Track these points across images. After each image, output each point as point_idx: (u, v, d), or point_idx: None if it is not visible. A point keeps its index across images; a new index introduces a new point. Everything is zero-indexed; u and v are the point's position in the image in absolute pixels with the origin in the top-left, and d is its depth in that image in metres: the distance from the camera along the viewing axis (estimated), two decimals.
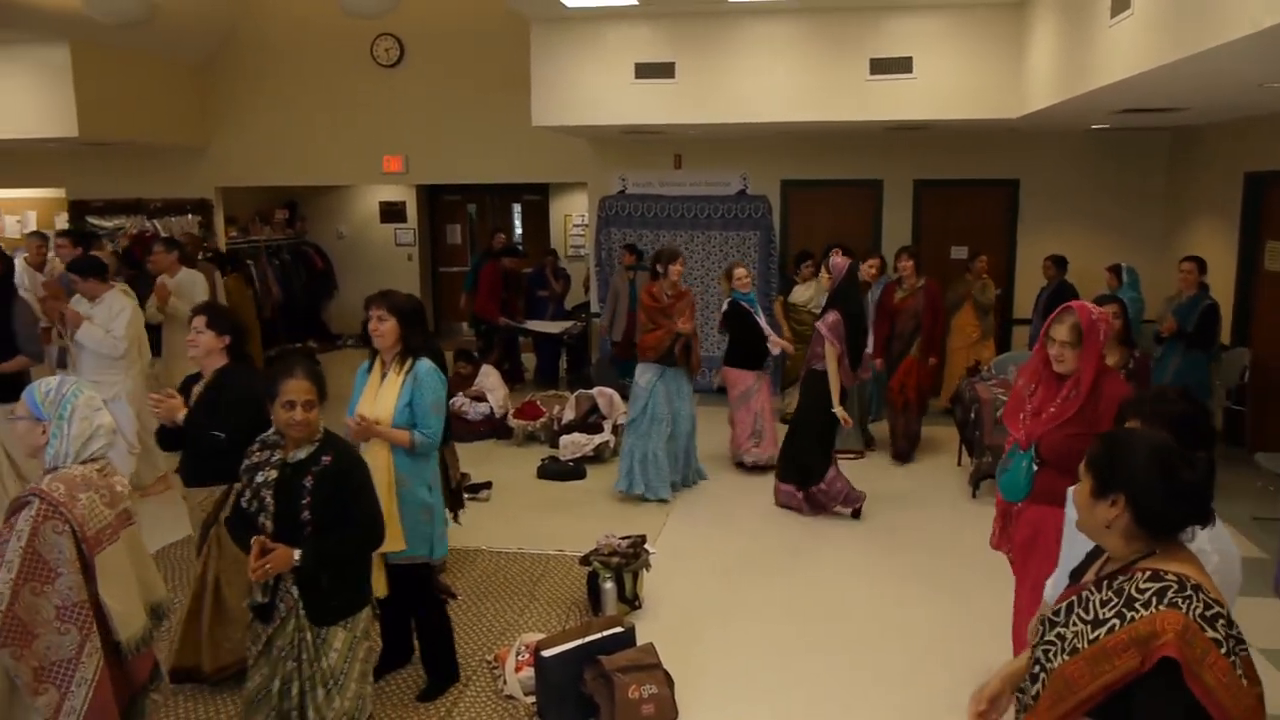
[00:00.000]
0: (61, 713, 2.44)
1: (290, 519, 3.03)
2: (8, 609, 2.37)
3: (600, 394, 8.03)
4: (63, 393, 2.62)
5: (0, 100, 9.12)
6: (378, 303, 3.94)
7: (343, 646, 3.16)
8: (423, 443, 3.90)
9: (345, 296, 13.50)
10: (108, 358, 6.19)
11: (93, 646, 2.52)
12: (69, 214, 11.50)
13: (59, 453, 2.59)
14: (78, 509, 2.51)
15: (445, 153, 10.45)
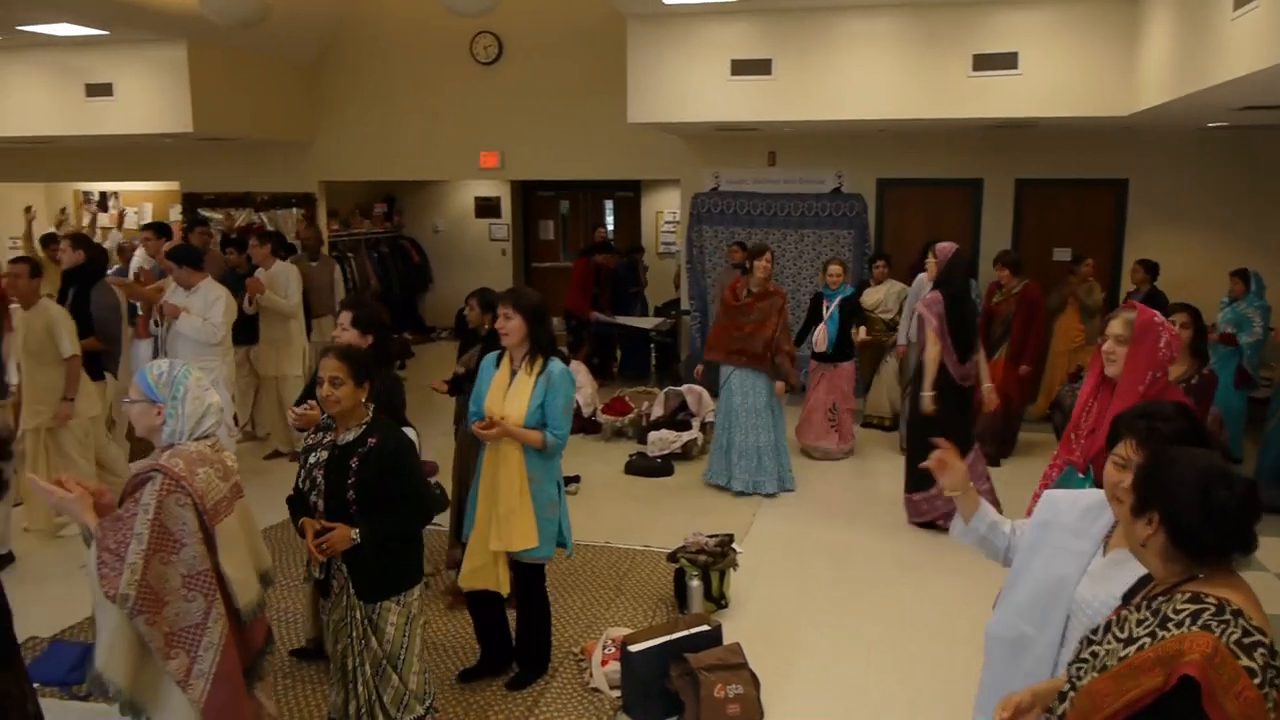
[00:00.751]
0: (191, 675, 2.56)
1: (339, 498, 3.19)
2: (140, 579, 2.47)
3: (689, 391, 8.03)
4: (174, 375, 2.74)
5: (122, 98, 9.57)
6: (505, 300, 3.96)
7: (398, 622, 3.28)
8: (554, 443, 3.94)
9: (440, 290, 13.79)
10: (205, 345, 6.33)
11: (218, 613, 2.63)
12: (182, 206, 12.00)
13: (175, 431, 2.71)
14: (197, 483, 2.61)
15: (540, 149, 10.57)
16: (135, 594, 2.46)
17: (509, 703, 4.09)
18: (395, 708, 3.33)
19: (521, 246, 14.22)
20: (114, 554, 2.50)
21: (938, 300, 5.95)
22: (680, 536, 5.35)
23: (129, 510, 2.54)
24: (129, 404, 2.76)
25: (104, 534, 2.53)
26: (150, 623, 2.49)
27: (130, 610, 2.47)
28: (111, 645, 2.51)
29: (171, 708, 2.62)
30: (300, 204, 11.46)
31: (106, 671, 2.52)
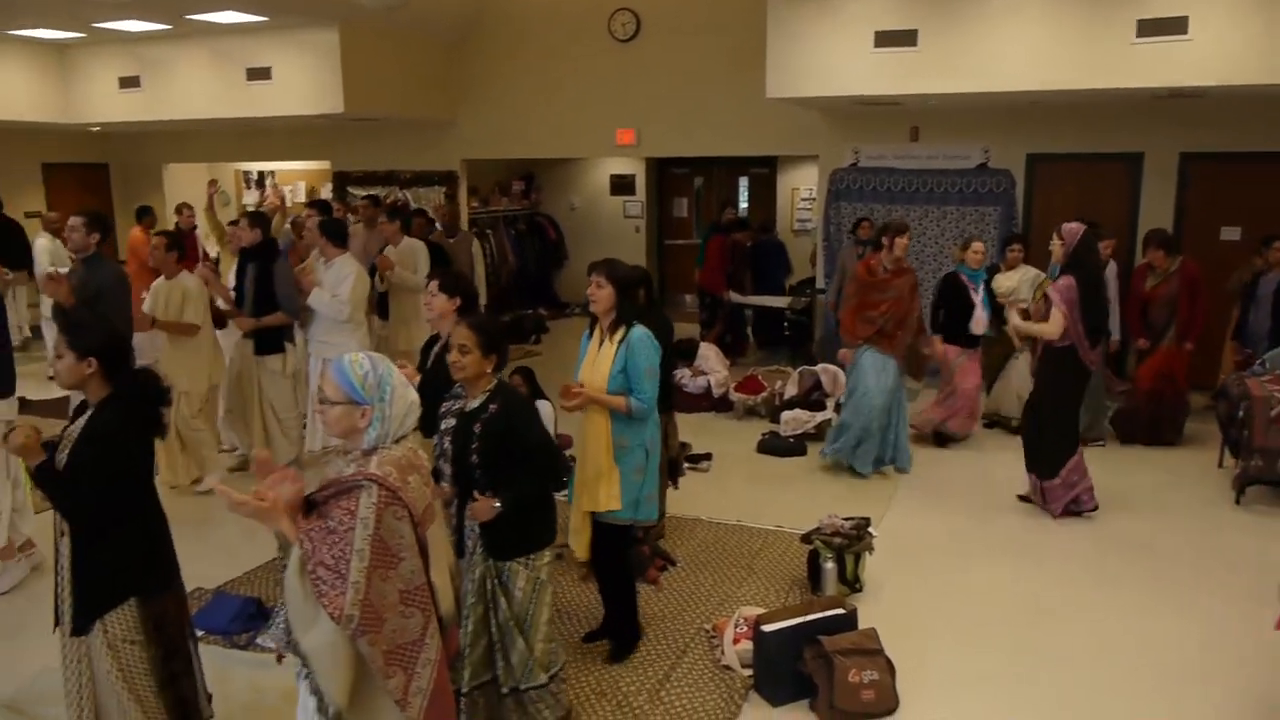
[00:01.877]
0: (410, 693, 2.43)
1: (463, 463, 3.30)
2: (364, 598, 2.31)
3: (824, 371, 7.89)
4: (379, 374, 2.49)
5: (279, 81, 10.04)
6: (598, 269, 4.06)
7: (526, 586, 3.37)
8: (638, 407, 3.99)
9: (575, 266, 13.96)
10: (335, 321, 6.44)
11: (433, 628, 2.51)
12: (333, 184, 12.52)
13: (381, 435, 2.48)
14: (409, 493, 2.44)
15: (676, 126, 10.53)
16: (359, 614, 2.30)
17: (640, 675, 4.13)
18: (520, 670, 3.43)
19: (655, 224, 14.25)
20: (332, 570, 2.31)
21: (1070, 287, 5.65)
22: (812, 518, 5.27)
23: (343, 522, 2.34)
24: (326, 407, 2.49)
25: (314, 546, 2.34)
26: (372, 642, 2.34)
27: (354, 630, 2.30)
28: (331, 662, 2.34)
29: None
30: (443, 182, 11.78)
31: (327, 690, 2.36)
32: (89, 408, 3.05)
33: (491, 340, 3.32)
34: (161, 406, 3.08)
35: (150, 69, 10.77)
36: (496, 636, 3.42)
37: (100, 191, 13.83)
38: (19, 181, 12.76)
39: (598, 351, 4.09)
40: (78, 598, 2.98)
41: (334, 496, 2.42)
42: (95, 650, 2.98)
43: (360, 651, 2.36)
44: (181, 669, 3.14)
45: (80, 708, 3.01)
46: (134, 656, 3.00)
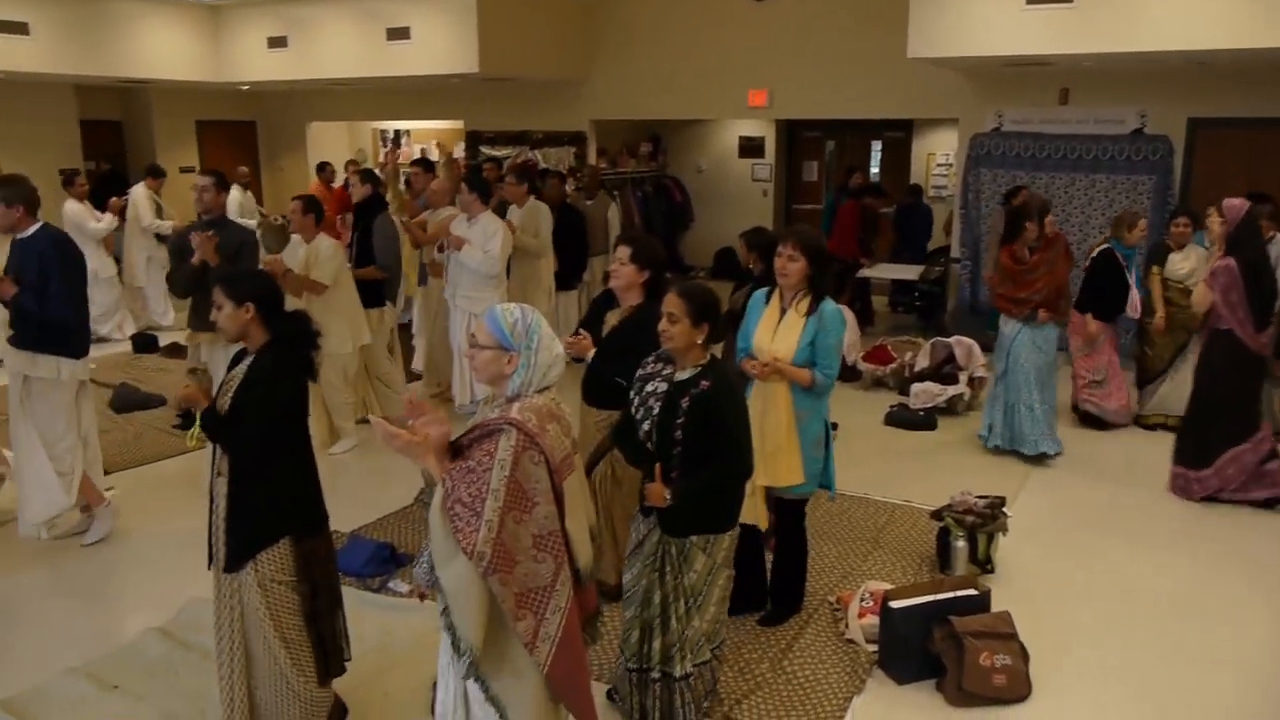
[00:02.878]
0: (538, 638, 2.48)
1: (666, 433, 3.19)
2: (496, 536, 2.36)
3: (959, 343, 7.62)
4: (528, 322, 2.55)
5: (418, 40, 10.21)
6: (791, 241, 3.89)
7: (702, 569, 3.26)
8: (822, 382, 3.89)
9: (700, 229, 13.87)
10: (483, 276, 6.47)
11: (565, 575, 2.53)
12: (466, 143, 12.73)
13: (525, 382, 2.54)
14: (548, 439, 2.47)
15: (810, 87, 10.27)
16: (491, 552, 2.36)
17: (763, 643, 4.09)
18: (687, 648, 3.32)
19: (783, 187, 14.00)
20: (468, 507, 2.38)
21: (1229, 269, 5.25)
22: (941, 493, 5.12)
23: (481, 463, 2.42)
24: (476, 351, 2.57)
25: (454, 484, 2.41)
26: (503, 582, 2.40)
27: (485, 568, 2.37)
28: (465, 599, 2.41)
29: (519, 670, 2.54)
30: (572, 142, 11.83)
31: (460, 626, 2.44)
32: (247, 355, 3.21)
33: (702, 309, 3.16)
34: (312, 350, 3.18)
35: (297, 29, 11.12)
36: (656, 612, 3.30)
37: (248, 148, 14.45)
38: (175, 137, 13.45)
39: (779, 321, 3.95)
40: (232, 536, 3.11)
41: (477, 440, 2.51)
42: (246, 587, 3.11)
43: (492, 591, 2.41)
44: (325, 609, 3.25)
45: (231, 640, 3.16)
46: (282, 596, 3.12)
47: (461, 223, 6.62)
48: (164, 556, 5.02)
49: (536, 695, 2.57)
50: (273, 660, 3.14)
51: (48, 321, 4.72)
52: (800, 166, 14.09)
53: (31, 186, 4.87)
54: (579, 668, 2.66)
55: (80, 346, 4.91)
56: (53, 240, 4.76)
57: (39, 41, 9.97)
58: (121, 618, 4.40)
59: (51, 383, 4.86)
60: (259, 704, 3.18)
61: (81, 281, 4.89)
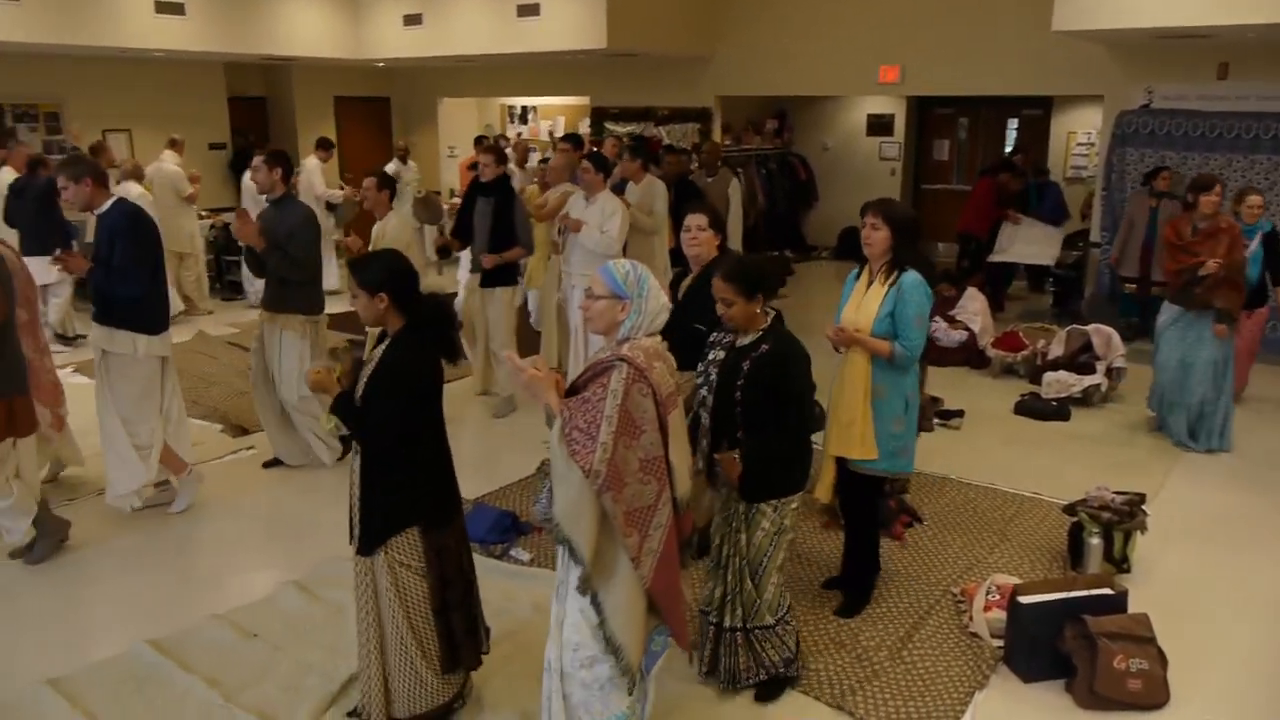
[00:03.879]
0: (643, 552, 2.74)
1: (727, 396, 3.34)
2: (610, 457, 2.62)
3: (1097, 332, 7.28)
4: (639, 274, 2.82)
5: (547, 17, 10.31)
6: (874, 210, 3.89)
7: (769, 528, 3.37)
8: (902, 354, 3.83)
9: (824, 208, 13.63)
10: (601, 256, 6.35)
11: (667, 496, 2.80)
12: (591, 119, 12.80)
13: (634, 326, 2.80)
14: (654, 374, 2.74)
15: (944, 62, 9.92)
16: (605, 470, 2.62)
17: (881, 630, 4.02)
18: (748, 610, 3.44)
19: (912, 167, 13.61)
20: (584, 432, 2.64)
21: None
22: (1074, 487, 4.92)
23: (596, 394, 2.68)
24: (592, 300, 2.83)
25: (572, 413, 2.68)
26: (615, 500, 2.66)
27: (600, 485, 2.63)
28: (578, 515, 2.67)
29: (620, 584, 2.77)
30: (697, 118, 11.77)
31: (574, 537, 2.68)
32: (386, 338, 3.18)
33: (749, 282, 3.30)
34: (451, 330, 3.19)
35: (431, 7, 11.37)
36: (732, 575, 3.44)
37: (382, 123, 14.88)
38: (314, 113, 13.95)
39: (864, 293, 3.94)
40: (365, 521, 3.14)
41: (592, 377, 2.78)
42: (379, 569, 3.13)
43: (605, 508, 2.68)
44: (455, 602, 3.24)
45: (366, 618, 3.19)
46: (410, 582, 3.13)
47: (579, 202, 6.58)
48: (299, 515, 5.25)
49: (632, 605, 2.80)
50: (400, 642, 3.16)
51: (117, 295, 4.75)
52: (930, 145, 13.66)
53: (93, 161, 4.93)
54: (675, 581, 2.91)
55: (155, 322, 4.90)
56: (123, 213, 4.75)
57: (193, 22, 10.48)
58: (260, 571, 4.63)
59: (129, 358, 4.85)
60: (390, 676, 3.22)
61: (152, 255, 4.82)
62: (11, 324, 4.38)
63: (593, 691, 2.85)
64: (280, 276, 5.42)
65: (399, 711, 3.25)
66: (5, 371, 4.32)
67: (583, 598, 2.78)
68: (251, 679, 3.68)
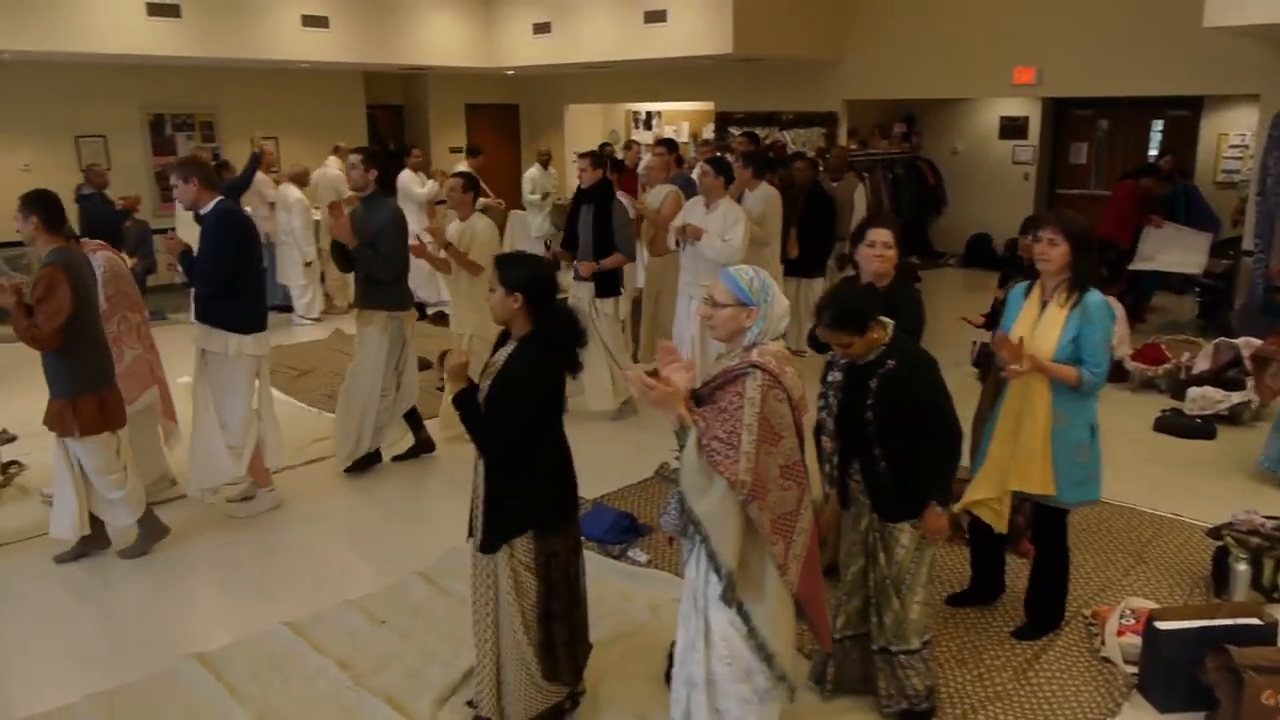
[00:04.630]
0: (789, 558, 2.72)
1: (855, 418, 3.24)
2: (753, 466, 2.59)
3: (1247, 345, 6.86)
4: (762, 279, 2.80)
5: (674, 22, 10.38)
6: (1051, 224, 3.64)
7: (909, 544, 3.26)
8: (1090, 381, 3.59)
9: (952, 214, 13.28)
10: (717, 264, 6.15)
11: (807, 500, 2.77)
12: (715, 124, 12.81)
13: (761, 332, 2.77)
14: (787, 379, 2.72)
15: (1084, 61, 9.53)
16: (751, 480, 2.59)
17: (1006, 650, 3.89)
18: (892, 631, 3.32)
19: (1047, 171, 13.12)
20: (725, 442, 2.61)
21: None
22: (1219, 510, 4.68)
23: (732, 403, 2.65)
24: (715, 309, 2.80)
25: (709, 424, 2.65)
26: (760, 509, 2.63)
27: (746, 496, 2.60)
28: (724, 527, 2.64)
29: (769, 594, 2.74)
30: (822, 123, 11.64)
31: (718, 550, 2.66)
32: (510, 340, 3.22)
33: (859, 321, 3.13)
34: (578, 345, 3.17)
35: (560, 15, 11.60)
36: (873, 593, 3.35)
37: (511, 130, 15.26)
38: (447, 120, 14.43)
39: (1039, 315, 3.71)
40: (487, 520, 3.17)
41: (721, 386, 2.73)
42: (500, 567, 3.18)
43: (750, 517, 2.65)
44: (560, 613, 3.23)
45: (484, 613, 3.26)
46: (529, 583, 3.17)
47: (698, 208, 6.42)
48: (421, 508, 5.45)
49: (780, 612, 2.77)
50: (515, 640, 3.20)
51: (200, 292, 4.91)
52: (1067, 148, 13.13)
53: (208, 164, 5.07)
54: (818, 584, 2.88)
55: (248, 322, 4.98)
56: (217, 213, 4.84)
57: (337, 34, 10.98)
58: (388, 560, 4.81)
59: (223, 357, 4.96)
60: (504, 675, 3.28)
61: (233, 257, 4.84)
62: (90, 321, 4.46)
63: (751, 705, 2.81)
64: (368, 273, 5.52)
65: (510, 708, 3.29)
66: (92, 367, 4.45)
67: (728, 609, 2.74)
68: (379, 664, 3.83)
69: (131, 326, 5.18)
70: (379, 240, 5.46)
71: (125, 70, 10.97)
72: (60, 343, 4.30)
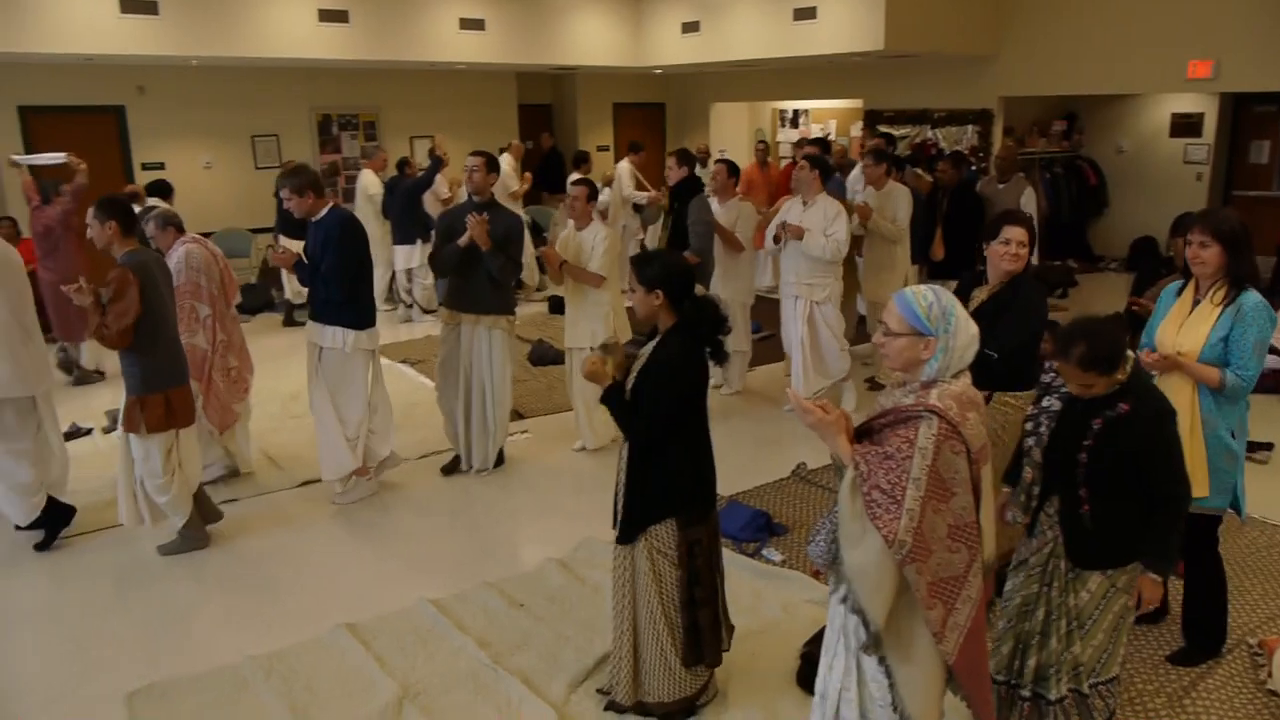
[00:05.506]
0: (947, 627, 2.43)
1: (1065, 454, 2.90)
2: (917, 526, 2.32)
3: None
4: (944, 305, 2.44)
5: (824, 19, 10.24)
6: (1200, 226, 3.48)
7: (1096, 590, 2.94)
8: (1234, 384, 3.42)
9: (1114, 216, 12.63)
10: (821, 263, 6.21)
11: (977, 566, 2.47)
12: (864, 122, 12.58)
13: (941, 367, 2.44)
14: (968, 428, 2.39)
15: (1268, 53, 8.88)
16: (911, 541, 2.32)
17: (1161, 675, 3.70)
18: (1080, 672, 3.02)
19: (1223, 171, 12.30)
20: (887, 494, 2.34)
21: None
22: None
23: (900, 450, 2.36)
24: (889, 338, 2.48)
25: (870, 469, 2.38)
26: (919, 571, 2.36)
27: (904, 557, 2.33)
28: (877, 585, 2.39)
29: (917, 656, 2.49)
30: (976, 121, 11.26)
31: (866, 607, 2.43)
32: (656, 335, 3.31)
33: (1113, 361, 2.80)
34: (721, 334, 3.22)
35: (708, 13, 11.62)
36: (1036, 628, 3.04)
37: (656, 129, 15.40)
38: (595, 119, 14.68)
39: (1189, 312, 3.56)
40: (627, 510, 3.28)
41: (891, 425, 2.45)
42: (638, 556, 3.28)
43: (906, 578, 2.38)
44: (704, 599, 3.30)
45: (623, 600, 3.36)
46: (667, 571, 3.25)
47: (796, 206, 6.34)
48: (560, 498, 5.58)
49: (929, 680, 2.52)
50: (654, 629, 3.28)
51: (323, 296, 5.06)
52: (1246, 147, 12.26)
53: (315, 172, 5.21)
54: (982, 659, 2.60)
55: (359, 319, 5.14)
56: (336, 222, 5.01)
57: (492, 36, 11.34)
58: (526, 546, 4.96)
59: (338, 353, 5.14)
60: (641, 661, 3.37)
61: (357, 260, 5.06)
62: (160, 321, 4.61)
63: None
64: (493, 277, 5.45)
65: (646, 697, 3.37)
66: (163, 365, 4.63)
67: (869, 656, 2.51)
68: (516, 645, 3.96)
69: (197, 317, 5.42)
70: (509, 244, 5.48)
71: (297, 73, 11.64)
72: (129, 342, 4.49)
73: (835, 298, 6.44)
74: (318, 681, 3.75)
